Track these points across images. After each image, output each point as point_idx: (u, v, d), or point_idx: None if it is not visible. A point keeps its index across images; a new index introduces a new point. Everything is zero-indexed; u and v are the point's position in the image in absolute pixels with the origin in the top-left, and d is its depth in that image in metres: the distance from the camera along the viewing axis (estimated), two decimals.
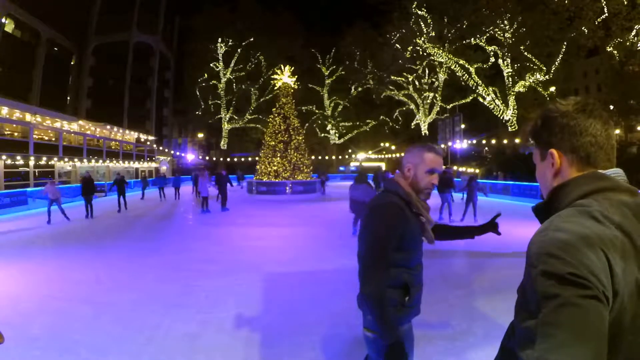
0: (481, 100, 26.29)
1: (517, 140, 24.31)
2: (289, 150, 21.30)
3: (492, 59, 25.17)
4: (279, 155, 21.20)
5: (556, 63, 23.00)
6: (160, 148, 40.24)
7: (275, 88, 24.48)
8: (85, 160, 25.76)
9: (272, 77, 24.30)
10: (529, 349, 0.64)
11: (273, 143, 21.46)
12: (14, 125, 21.97)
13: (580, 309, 0.61)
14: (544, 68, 23.23)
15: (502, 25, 23.51)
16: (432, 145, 1.68)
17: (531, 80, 24.08)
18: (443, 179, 9.64)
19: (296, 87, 23.34)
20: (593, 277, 0.62)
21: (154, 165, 36.94)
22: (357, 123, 38.48)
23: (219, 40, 35.35)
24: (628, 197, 0.75)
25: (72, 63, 39.35)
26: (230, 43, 35.41)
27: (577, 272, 0.63)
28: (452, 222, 9.67)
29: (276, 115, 22.08)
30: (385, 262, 1.50)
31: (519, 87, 24.52)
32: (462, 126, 28.16)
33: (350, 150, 42.90)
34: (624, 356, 0.67)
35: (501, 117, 25.50)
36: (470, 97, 27.42)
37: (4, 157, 19.33)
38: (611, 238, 0.66)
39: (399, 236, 1.52)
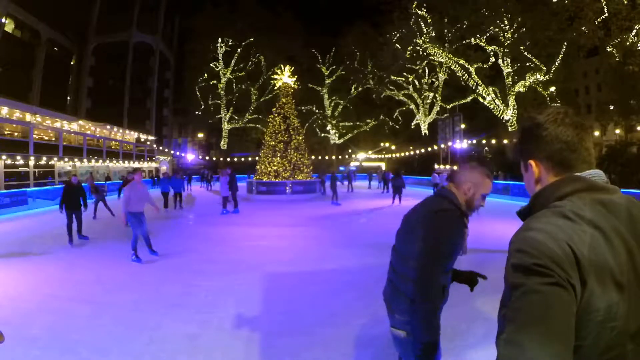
0: (481, 100, 26.26)
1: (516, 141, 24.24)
2: (289, 150, 21.28)
3: (492, 59, 25.15)
4: (279, 155, 21.18)
5: (556, 63, 22.96)
6: (160, 148, 40.30)
7: (275, 88, 24.46)
8: (85, 160, 25.77)
9: (272, 77, 24.26)
10: (500, 334, 0.71)
11: (273, 143, 21.44)
12: (14, 125, 21.99)
13: (542, 295, 0.67)
14: (544, 68, 23.20)
15: (502, 25, 23.50)
16: (490, 172, 1.75)
17: (531, 80, 24.05)
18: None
19: (296, 87, 23.30)
20: (556, 267, 0.69)
21: (154, 165, 36.97)
22: (357, 123, 38.41)
23: (219, 40, 35.34)
24: (603, 195, 0.80)
25: (72, 63, 39.38)
26: (230, 43, 35.39)
27: (540, 262, 0.69)
28: None
29: (276, 115, 22.06)
30: (441, 267, 1.56)
31: (519, 87, 24.49)
32: (462, 126, 28.10)
33: (350, 150, 42.86)
34: (605, 342, 0.71)
35: (501, 117, 25.48)
36: (470, 97, 27.39)
37: (4, 157, 19.33)
38: (579, 233, 0.72)
39: (453, 242, 1.58)
